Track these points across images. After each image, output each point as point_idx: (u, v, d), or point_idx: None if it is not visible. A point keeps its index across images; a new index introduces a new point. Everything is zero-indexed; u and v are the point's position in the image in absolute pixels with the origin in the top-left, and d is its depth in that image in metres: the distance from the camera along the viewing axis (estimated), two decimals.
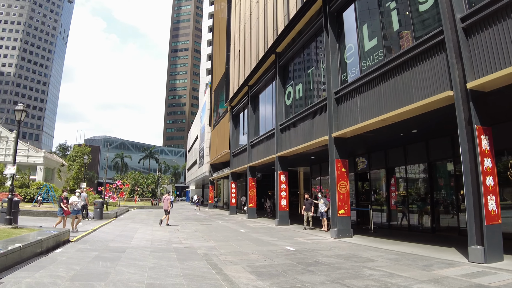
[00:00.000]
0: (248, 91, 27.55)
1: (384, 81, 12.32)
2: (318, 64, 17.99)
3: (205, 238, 14.04)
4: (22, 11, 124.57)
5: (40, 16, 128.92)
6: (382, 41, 13.01)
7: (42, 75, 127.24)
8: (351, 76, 14.62)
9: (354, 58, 14.62)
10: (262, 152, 24.28)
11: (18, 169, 41.14)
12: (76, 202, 14.87)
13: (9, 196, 11.57)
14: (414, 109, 10.52)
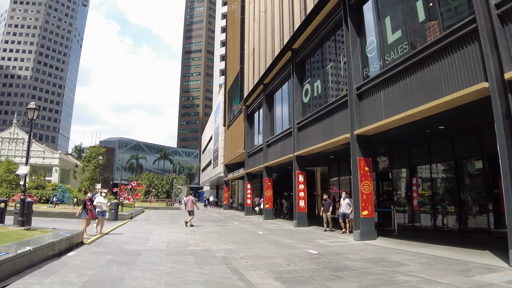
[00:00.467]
0: (263, 90, 27.01)
1: (410, 74, 11.65)
2: (337, 59, 17.34)
3: (222, 240, 13.54)
4: (38, 16, 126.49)
5: (56, 20, 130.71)
6: (406, 33, 12.33)
7: (58, 78, 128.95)
8: (374, 70, 13.97)
9: (377, 52, 13.96)
10: (278, 151, 23.70)
11: (34, 170, 41.48)
12: (101, 203, 13.95)
13: (21, 197, 11.25)
14: (444, 103, 9.85)
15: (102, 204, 13.88)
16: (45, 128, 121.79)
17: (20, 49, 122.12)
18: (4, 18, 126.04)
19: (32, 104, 11.43)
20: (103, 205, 13.89)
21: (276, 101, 25.87)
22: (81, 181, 37.04)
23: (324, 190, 27.87)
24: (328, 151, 18.59)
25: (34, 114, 11.49)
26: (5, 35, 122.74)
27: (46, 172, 41.30)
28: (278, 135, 23.84)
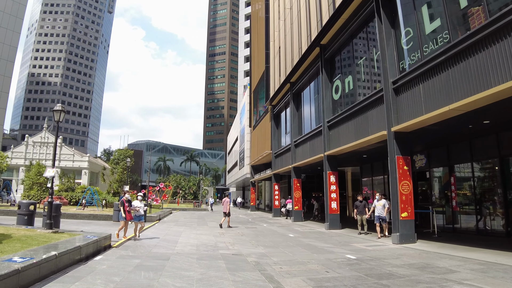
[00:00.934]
0: (290, 89, 26.35)
1: (453, 65, 10.77)
2: (370, 53, 16.50)
3: (252, 243, 12.98)
4: (66, 24, 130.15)
5: (83, 27, 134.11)
6: (446, 22, 11.42)
7: (86, 84, 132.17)
8: (411, 63, 13.10)
9: (413, 43, 13.09)
10: (307, 151, 22.97)
11: (64, 173, 42.30)
12: (138, 207, 13.03)
13: (49, 199, 11.06)
14: (492, 95, 9.02)
15: (139, 208, 13.07)
16: (74, 132, 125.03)
17: (50, 57, 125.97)
18: (35, 27, 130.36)
19: (58, 106, 11.24)
20: (140, 209, 13.08)
21: (304, 100, 25.16)
22: (110, 183, 37.39)
23: (356, 191, 26.97)
24: (361, 150, 17.77)
25: (61, 116, 11.30)
26: (36, 44, 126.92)
27: (75, 175, 42.01)
28: (307, 134, 23.12)
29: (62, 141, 52.06)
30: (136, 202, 13.12)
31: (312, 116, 23.58)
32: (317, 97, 22.75)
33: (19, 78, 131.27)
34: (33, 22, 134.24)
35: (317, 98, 22.79)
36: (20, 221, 12.27)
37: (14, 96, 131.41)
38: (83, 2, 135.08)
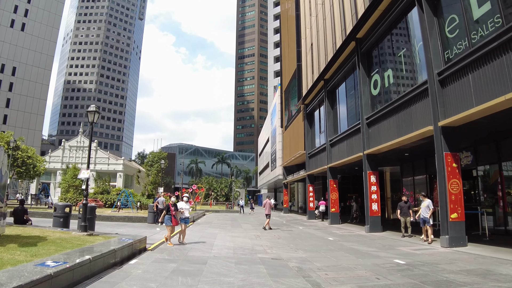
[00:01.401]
0: (325, 86, 25.50)
1: (508, 51, 9.75)
2: (411, 44, 15.51)
3: (291, 247, 12.33)
4: (99, 32, 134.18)
5: (115, 35, 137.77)
6: (498, 4, 10.37)
7: (119, 89, 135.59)
8: (457, 52, 12.08)
9: (460, 31, 12.06)
10: (344, 151, 22.06)
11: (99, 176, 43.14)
12: (184, 209, 12.17)
13: (83, 201, 10.87)
14: None
15: (185, 210, 12.22)
16: (109, 137, 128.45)
17: (85, 64, 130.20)
18: (70, 37, 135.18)
19: (92, 107, 11.07)
20: (185, 211, 12.23)
21: (339, 97, 24.24)
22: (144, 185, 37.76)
23: (394, 192, 25.79)
24: (403, 147, 16.77)
25: (95, 117, 11.12)
26: (71, 52, 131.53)
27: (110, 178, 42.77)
28: (343, 133, 22.20)
29: (98, 145, 53.28)
30: (181, 204, 12.28)
31: (348, 113, 22.67)
32: (353, 93, 21.83)
33: (56, 86, 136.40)
34: (68, 32, 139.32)
35: (353, 95, 21.87)
36: (56, 223, 12.20)
37: (52, 103, 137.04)
38: (115, 10, 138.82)
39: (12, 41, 78.15)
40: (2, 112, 76.03)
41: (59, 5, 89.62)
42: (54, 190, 44.65)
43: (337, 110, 24.60)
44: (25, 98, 79.56)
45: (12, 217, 12.70)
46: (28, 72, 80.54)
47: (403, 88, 15.95)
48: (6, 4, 75.35)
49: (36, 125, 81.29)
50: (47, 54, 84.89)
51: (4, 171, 8.64)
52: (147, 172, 38.99)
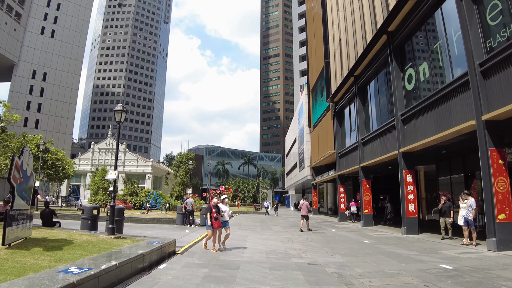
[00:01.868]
0: (355, 82, 24.64)
1: None
2: (447, 35, 14.56)
3: (326, 250, 11.69)
4: (126, 37, 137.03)
5: (141, 39, 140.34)
6: None
7: (147, 93, 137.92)
8: (501, 40, 11.15)
9: (503, 17, 11.14)
10: (377, 149, 21.15)
11: (128, 178, 43.65)
12: (224, 211, 11.14)
13: (111, 203, 10.60)
14: None
15: (225, 212, 11.23)
16: (138, 139, 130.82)
17: (113, 69, 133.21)
18: (97, 42, 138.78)
19: (119, 106, 10.81)
20: (225, 214, 11.23)
21: (371, 93, 23.32)
22: (173, 186, 37.82)
23: (429, 192, 24.60)
24: (441, 144, 15.81)
25: (122, 116, 10.86)
26: (99, 57, 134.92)
27: (139, 179, 43.21)
28: (376, 130, 21.28)
29: (126, 147, 54.03)
30: (221, 206, 11.25)
31: (381, 110, 21.77)
32: (386, 89, 20.93)
33: (85, 91, 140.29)
34: (95, 37, 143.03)
35: (386, 91, 20.97)
36: (84, 225, 12.03)
37: (82, 108, 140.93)
38: (141, 15, 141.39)
39: (43, 47, 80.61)
40: (34, 116, 78.46)
41: (87, 11, 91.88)
42: (84, 192, 45.50)
43: (368, 107, 23.69)
44: (56, 102, 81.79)
45: (40, 219, 12.63)
46: (58, 77, 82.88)
47: (440, 81, 15.01)
48: (37, 12, 78.03)
49: (67, 129, 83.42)
50: (76, 59, 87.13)
51: (30, 172, 8.44)
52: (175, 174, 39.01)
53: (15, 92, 73.62)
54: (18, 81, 74.38)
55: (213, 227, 10.55)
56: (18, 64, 74.79)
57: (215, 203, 10.83)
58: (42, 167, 28.34)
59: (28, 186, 8.28)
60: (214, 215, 10.51)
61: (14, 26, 74.30)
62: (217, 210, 10.70)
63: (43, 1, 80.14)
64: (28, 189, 8.25)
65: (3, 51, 71.94)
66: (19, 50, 75.44)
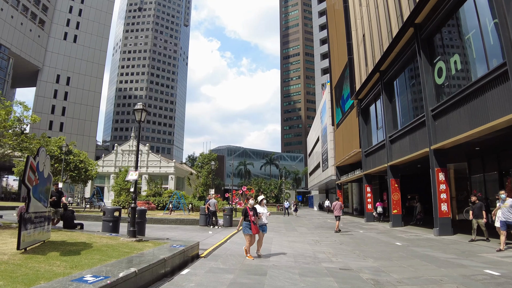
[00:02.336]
0: (381, 78, 23.81)
1: None
2: (482, 24, 13.68)
3: (357, 253, 11.09)
4: (147, 40, 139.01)
5: (162, 42, 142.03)
6: None
7: (169, 95, 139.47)
8: None
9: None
10: (406, 147, 20.29)
11: (151, 179, 43.86)
12: (262, 214, 10.14)
13: (132, 204, 10.32)
14: None
15: (263, 215, 10.20)
16: (161, 141, 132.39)
17: (134, 72, 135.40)
18: (119, 46, 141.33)
19: (139, 105, 10.52)
20: (263, 216, 10.19)
21: (398, 89, 22.44)
22: (195, 187, 37.68)
23: (459, 191, 23.59)
24: (475, 141, 14.99)
25: (142, 115, 10.57)
26: (121, 61, 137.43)
27: (162, 180, 43.35)
28: (405, 127, 20.39)
29: (149, 148, 54.43)
30: (259, 208, 10.18)
31: (409, 106, 20.91)
32: (414, 84, 20.08)
33: (108, 94, 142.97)
34: (117, 42, 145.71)
35: (414, 85, 20.12)
36: (105, 228, 11.78)
37: (105, 111, 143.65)
38: (161, 18, 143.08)
39: (66, 52, 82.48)
40: (59, 120, 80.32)
41: (108, 16, 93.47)
42: (108, 194, 45.95)
43: (395, 103, 22.83)
44: (79, 106, 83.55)
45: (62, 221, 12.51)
46: (81, 81, 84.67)
47: (474, 74, 14.15)
48: (60, 18, 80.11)
49: (91, 132, 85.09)
50: (98, 63, 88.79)
51: (47, 174, 8.22)
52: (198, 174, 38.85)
53: (40, 97, 75.75)
54: (43, 86, 76.49)
55: (252, 232, 9.56)
56: (43, 69, 76.86)
57: (251, 205, 9.89)
58: (65, 169, 28.59)
59: (46, 188, 8.07)
60: (252, 219, 9.58)
61: (38, 32, 76.41)
62: (255, 212, 9.76)
63: (66, 7, 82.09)
64: (45, 191, 8.04)
65: (28, 57, 74.03)
66: (43, 55, 77.50)
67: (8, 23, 67.87)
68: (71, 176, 30.13)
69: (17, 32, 70.55)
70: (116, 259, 6.73)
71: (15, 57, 69.42)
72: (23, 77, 79.65)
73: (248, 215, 9.66)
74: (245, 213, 9.74)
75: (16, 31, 70.22)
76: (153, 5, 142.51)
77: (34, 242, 7.44)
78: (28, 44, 73.59)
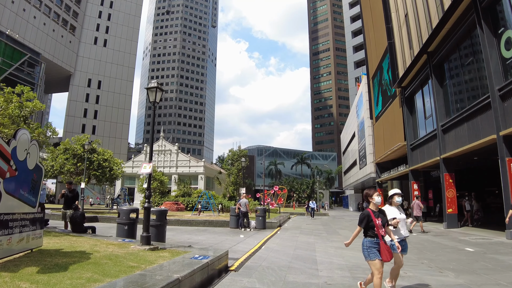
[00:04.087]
0: (429, 60, 21.09)
1: None
2: None
3: (425, 263, 8.79)
4: (176, 43, 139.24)
5: (190, 44, 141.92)
6: None
7: (198, 96, 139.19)
8: None
9: None
10: (464, 136, 17.53)
11: (180, 179, 42.40)
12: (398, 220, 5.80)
13: (145, 204, 8.40)
14: None
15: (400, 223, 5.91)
16: (191, 142, 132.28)
17: (164, 75, 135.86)
18: (149, 50, 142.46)
19: (153, 83, 8.64)
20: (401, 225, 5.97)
21: (451, 70, 19.70)
22: (225, 186, 35.81)
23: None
24: None
25: (157, 96, 8.70)
26: (151, 65, 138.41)
27: (191, 180, 41.82)
28: (462, 113, 17.62)
29: (179, 148, 53.29)
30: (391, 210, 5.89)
31: (465, 89, 18.19)
32: (472, 62, 17.35)
33: (140, 99, 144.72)
34: (147, 45, 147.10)
35: (471, 64, 17.40)
36: (120, 232, 9.87)
37: (137, 114, 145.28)
38: (188, 20, 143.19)
39: (96, 57, 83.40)
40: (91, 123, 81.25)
41: (136, 19, 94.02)
42: (138, 195, 44.85)
43: (447, 88, 20.08)
44: (111, 109, 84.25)
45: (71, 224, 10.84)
46: (112, 85, 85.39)
47: None
48: (90, 24, 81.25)
49: (122, 134, 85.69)
50: (128, 66, 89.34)
51: (34, 165, 6.48)
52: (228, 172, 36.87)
53: (72, 101, 76.94)
54: (75, 90, 77.67)
55: (382, 258, 5.09)
56: (75, 74, 78.03)
57: (376, 204, 5.35)
58: (88, 167, 27.34)
59: (32, 182, 6.35)
60: (381, 232, 5.18)
61: (69, 38, 77.50)
62: (383, 220, 5.29)
63: (95, 12, 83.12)
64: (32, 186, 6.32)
65: (61, 62, 75.13)
66: (75, 60, 78.69)
67: (41, 30, 69.06)
68: (95, 176, 28.84)
69: (49, 39, 71.65)
70: (112, 279, 4.83)
71: (48, 62, 70.37)
72: (56, 83, 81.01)
73: (372, 225, 5.20)
74: (365, 220, 5.26)
75: (48, 38, 71.32)
76: (181, 7, 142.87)
77: (12, 252, 5.70)
78: (60, 50, 74.67)
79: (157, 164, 48.53)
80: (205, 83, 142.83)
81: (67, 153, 27.72)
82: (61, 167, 27.60)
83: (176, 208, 31.75)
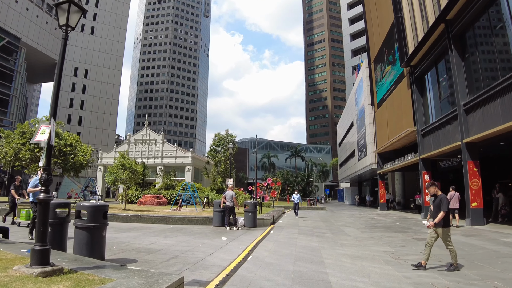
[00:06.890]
0: (447, 30, 18.05)
1: None
2: None
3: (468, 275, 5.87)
4: (167, 33, 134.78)
5: (182, 34, 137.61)
6: None
7: (190, 88, 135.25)
8: None
9: None
10: (496, 114, 14.50)
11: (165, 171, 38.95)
12: None
13: (41, 196, 4.85)
14: None
15: None
16: (183, 135, 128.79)
17: (156, 65, 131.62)
18: (140, 40, 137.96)
19: None
20: None
21: (477, 38, 16.70)
22: (212, 177, 32.56)
23: None
24: None
25: (71, 18, 5.58)
26: (142, 55, 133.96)
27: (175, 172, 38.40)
28: (491, 88, 14.58)
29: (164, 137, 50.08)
30: None
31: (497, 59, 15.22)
32: (504, 26, 14.38)
33: (130, 92, 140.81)
34: (137, 36, 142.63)
35: (503, 31, 14.45)
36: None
37: (127, 106, 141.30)
38: (180, 10, 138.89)
39: (83, 44, 79.90)
40: (77, 113, 77.93)
41: (125, 6, 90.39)
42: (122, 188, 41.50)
43: (470, 60, 17.12)
44: (98, 99, 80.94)
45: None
46: (99, 74, 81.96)
47: None
48: None
49: (110, 125, 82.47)
50: (116, 55, 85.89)
51: None
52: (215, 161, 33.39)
53: None
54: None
55: None
56: None
57: None
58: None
59: None
60: None
61: (54, 25, 73.68)
62: None
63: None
64: None
65: (45, 50, 71.48)
66: None
67: (23, 15, 65.33)
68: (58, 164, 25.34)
69: (33, 25, 67.95)
70: None
71: (31, 49, 66.83)
72: (42, 72, 77.35)
73: None
74: None
75: (32, 24, 67.64)
76: None
77: None
78: (44, 37, 70.99)
79: (141, 154, 45.23)
80: (197, 74, 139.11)
81: (24, 137, 24.36)
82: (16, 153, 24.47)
83: (157, 202, 28.55)
